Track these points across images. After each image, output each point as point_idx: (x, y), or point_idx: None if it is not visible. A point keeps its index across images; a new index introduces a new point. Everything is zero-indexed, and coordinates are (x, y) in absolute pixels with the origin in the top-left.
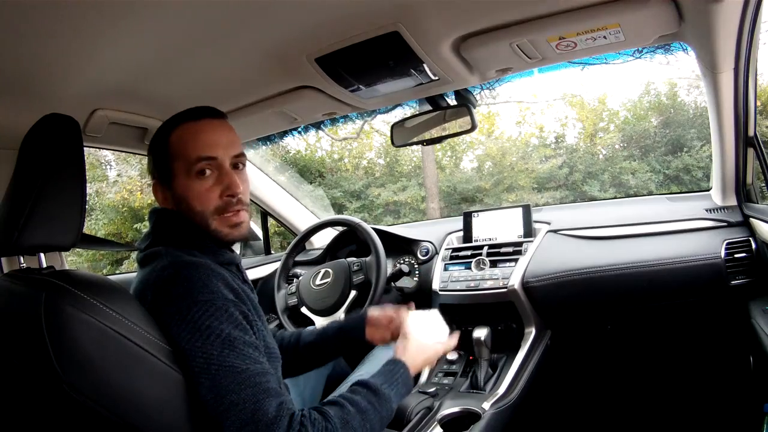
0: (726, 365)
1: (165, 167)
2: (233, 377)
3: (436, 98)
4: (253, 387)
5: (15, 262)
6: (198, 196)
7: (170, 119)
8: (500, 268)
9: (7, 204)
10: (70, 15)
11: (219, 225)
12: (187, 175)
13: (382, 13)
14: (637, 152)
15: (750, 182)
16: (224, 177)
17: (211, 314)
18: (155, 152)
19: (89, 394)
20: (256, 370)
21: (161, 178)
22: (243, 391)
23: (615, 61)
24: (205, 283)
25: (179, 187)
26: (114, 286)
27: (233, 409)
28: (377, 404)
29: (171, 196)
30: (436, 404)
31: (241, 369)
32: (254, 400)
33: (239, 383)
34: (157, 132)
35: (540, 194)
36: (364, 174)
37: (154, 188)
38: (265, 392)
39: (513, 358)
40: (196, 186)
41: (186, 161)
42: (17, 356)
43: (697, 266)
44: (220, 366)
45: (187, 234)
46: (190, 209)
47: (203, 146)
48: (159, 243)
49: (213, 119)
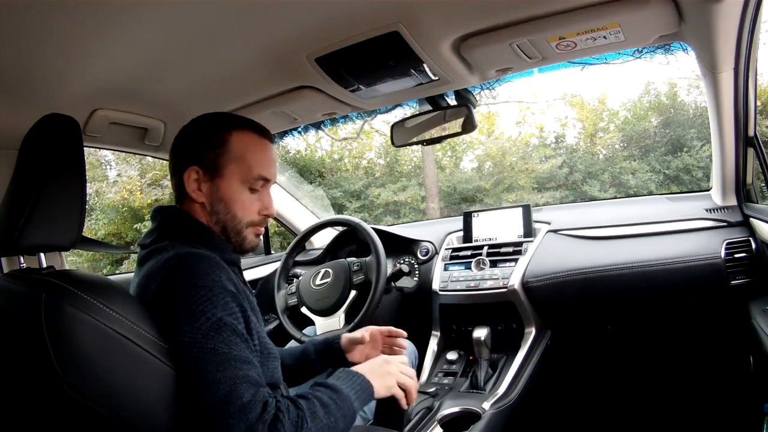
0: (726, 365)
1: (216, 161)
2: (213, 359)
3: (436, 98)
4: (232, 370)
5: (15, 262)
6: (243, 206)
7: (229, 117)
8: (500, 268)
9: (7, 204)
10: (70, 15)
11: (248, 234)
12: (241, 183)
13: (382, 13)
14: (637, 152)
15: (750, 182)
16: (266, 197)
17: (206, 299)
18: (207, 140)
19: (89, 394)
20: (238, 356)
21: (207, 167)
22: (221, 372)
23: (615, 61)
24: (207, 272)
25: (227, 188)
26: (114, 286)
27: (208, 389)
28: (338, 401)
29: (210, 189)
30: (436, 404)
31: (223, 352)
32: (231, 383)
33: (218, 365)
34: (211, 121)
35: (540, 194)
36: (364, 174)
37: (188, 174)
38: (243, 378)
39: (513, 358)
40: (244, 196)
41: (246, 170)
42: (17, 356)
43: (697, 266)
44: (201, 348)
45: (195, 230)
46: (229, 213)
47: (266, 166)
48: (165, 239)
49: (272, 143)
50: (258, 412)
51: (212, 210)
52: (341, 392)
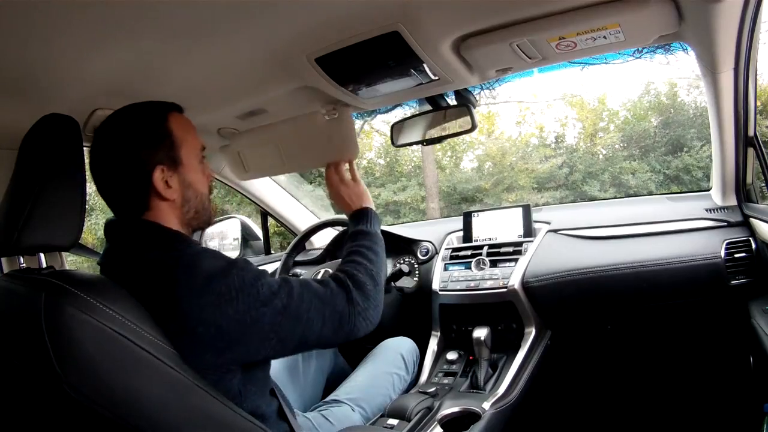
0: (726, 365)
1: (173, 151)
2: (297, 306)
3: (436, 98)
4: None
5: (15, 262)
6: (201, 181)
7: (154, 106)
8: (500, 268)
9: (6, 204)
10: (70, 15)
11: (210, 206)
12: (196, 161)
13: (382, 13)
14: (637, 152)
15: (750, 182)
16: (206, 164)
17: (245, 281)
18: (155, 135)
19: (89, 395)
20: (300, 290)
21: (168, 161)
22: (306, 309)
23: (615, 61)
24: (219, 264)
25: (189, 172)
26: (114, 287)
27: (312, 322)
28: (370, 237)
29: (178, 181)
30: (436, 404)
31: (293, 297)
32: (315, 304)
33: (296, 310)
34: (146, 114)
35: (540, 194)
36: (364, 174)
37: (156, 175)
38: (314, 294)
39: (513, 358)
40: (200, 171)
41: (193, 148)
42: (17, 356)
43: (697, 266)
44: (284, 308)
45: (166, 236)
46: (197, 194)
47: (199, 137)
48: (135, 251)
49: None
50: (344, 301)
51: (184, 201)
52: (373, 235)
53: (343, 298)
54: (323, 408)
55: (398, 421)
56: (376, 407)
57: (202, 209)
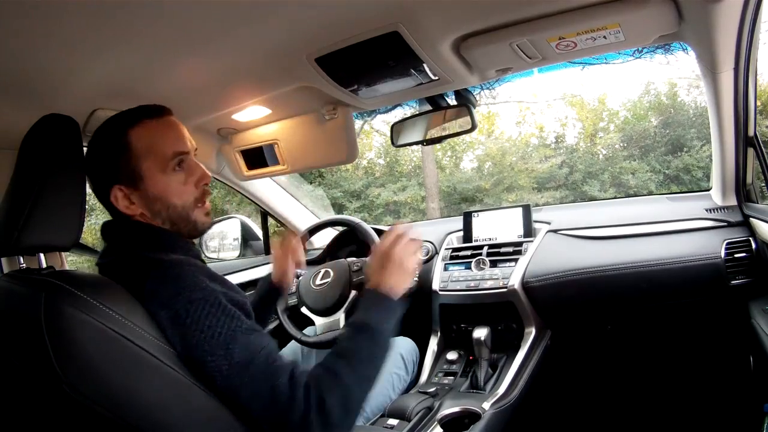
0: (726, 365)
1: (130, 169)
2: (243, 372)
3: (436, 98)
4: (263, 374)
5: (15, 262)
6: (177, 191)
7: (120, 118)
8: (500, 268)
9: (7, 204)
10: (69, 15)
11: (198, 215)
12: (163, 172)
13: (382, 13)
14: (637, 152)
15: (750, 182)
16: (195, 168)
17: (207, 312)
18: (110, 154)
19: (89, 395)
20: (261, 357)
21: (125, 179)
22: (255, 383)
23: (615, 61)
24: (194, 281)
25: (154, 186)
26: (114, 287)
27: (253, 402)
28: (373, 340)
29: (140, 197)
30: (436, 404)
31: (248, 361)
32: (268, 387)
33: (250, 376)
34: (105, 132)
35: (540, 194)
36: (364, 174)
37: (114, 196)
38: (273, 374)
39: (513, 358)
40: (173, 182)
41: (160, 158)
42: (17, 357)
43: (697, 266)
44: (230, 365)
45: (156, 236)
46: (168, 206)
47: (176, 141)
48: (128, 251)
49: (171, 116)
50: (301, 401)
51: (153, 214)
52: (375, 330)
53: (297, 412)
54: None
55: (398, 421)
56: (376, 407)
57: (180, 219)
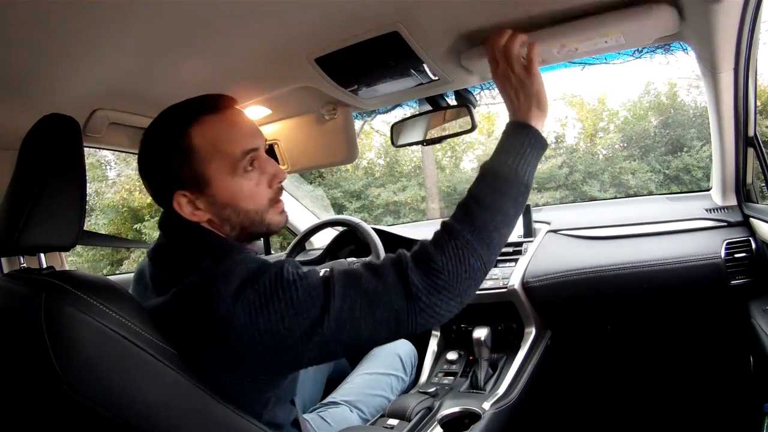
0: (726, 365)
1: (194, 173)
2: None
3: (436, 98)
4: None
5: (15, 262)
6: (249, 195)
7: (177, 115)
8: (500, 268)
9: (7, 204)
10: (70, 15)
11: (272, 216)
12: (233, 175)
13: (382, 13)
14: (637, 152)
15: (750, 182)
16: (267, 165)
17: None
18: (172, 157)
19: (89, 395)
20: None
21: (190, 185)
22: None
23: (615, 61)
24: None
25: (222, 191)
26: (114, 287)
27: (375, 328)
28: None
29: (207, 202)
30: (436, 404)
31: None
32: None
33: (366, 311)
34: (163, 131)
35: (540, 194)
36: (364, 174)
37: (177, 202)
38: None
39: (513, 358)
40: (245, 184)
41: (229, 159)
42: (17, 357)
43: (697, 266)
44: (349, 314)
45: (223, 244)
46: (240, 212)
47: (243, 138)
48: (197, 259)
49: (235, 108)
50: (404, 297)
51: (222, 220)
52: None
53: (399, 293)
54: (321, 409)
55: (398, 421)
56: (374, 409)
57: (253, 224)
